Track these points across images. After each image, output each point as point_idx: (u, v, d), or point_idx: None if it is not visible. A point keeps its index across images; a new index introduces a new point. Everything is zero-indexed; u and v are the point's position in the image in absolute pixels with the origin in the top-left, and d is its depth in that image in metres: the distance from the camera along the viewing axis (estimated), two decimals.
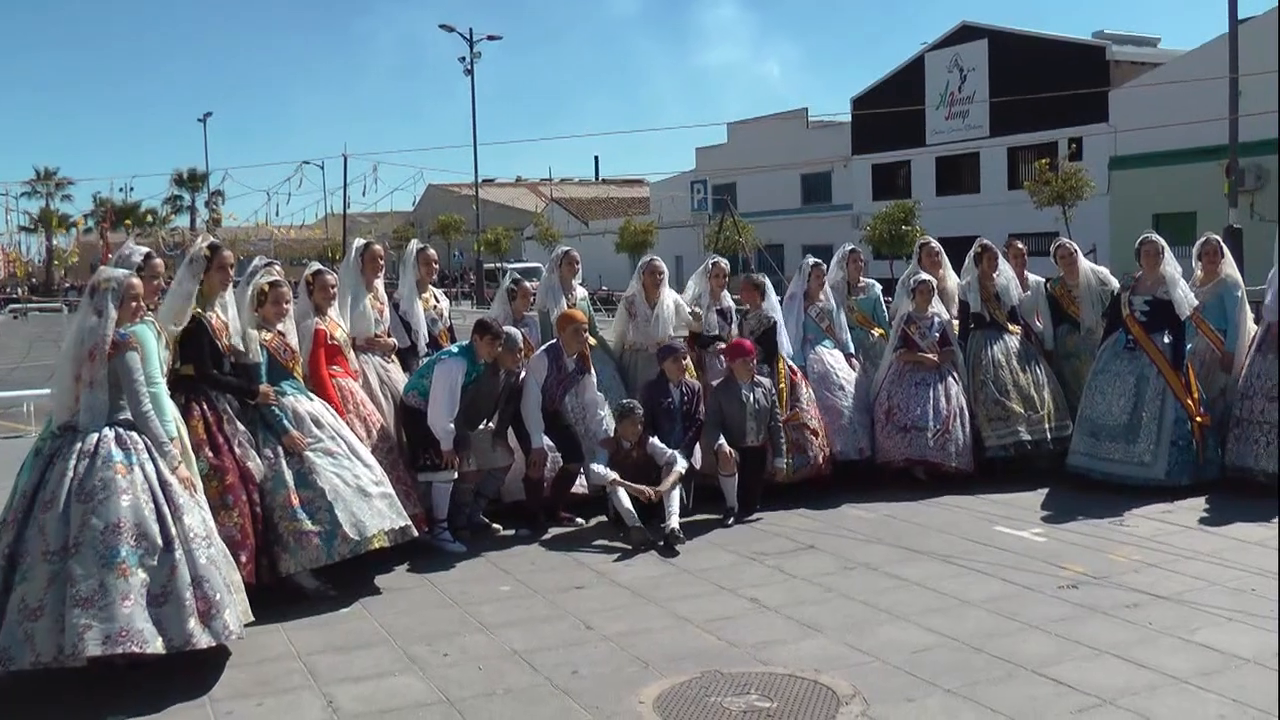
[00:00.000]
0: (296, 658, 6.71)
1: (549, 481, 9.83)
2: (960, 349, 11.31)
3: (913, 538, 9.13)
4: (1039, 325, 11.79)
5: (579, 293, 11.09)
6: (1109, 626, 6.93)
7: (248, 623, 6.63)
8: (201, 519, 6.52)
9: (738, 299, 11.41)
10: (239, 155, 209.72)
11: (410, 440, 9.15)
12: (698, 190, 58.14)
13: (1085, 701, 5.82)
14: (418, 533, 8.29)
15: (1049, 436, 11.05)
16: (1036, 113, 42.93)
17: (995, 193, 47.22)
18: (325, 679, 6.38)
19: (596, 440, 9.76)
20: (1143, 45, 47.29)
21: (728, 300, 11.43)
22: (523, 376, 9.53)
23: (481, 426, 9.35)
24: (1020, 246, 12.26)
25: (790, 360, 10.82)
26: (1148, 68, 42.41)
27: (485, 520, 9.61)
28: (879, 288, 12.36)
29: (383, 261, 9.99)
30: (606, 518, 9.67)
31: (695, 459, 9.86)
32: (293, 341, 8.26)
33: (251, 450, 7.63)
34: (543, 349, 9.76)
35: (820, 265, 11.64)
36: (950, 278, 11.94)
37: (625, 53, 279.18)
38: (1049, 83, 40.72)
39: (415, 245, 10.43)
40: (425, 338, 10.10)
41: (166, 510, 6.28)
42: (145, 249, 7.72)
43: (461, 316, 13.09)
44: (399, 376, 9.61)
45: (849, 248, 12.33)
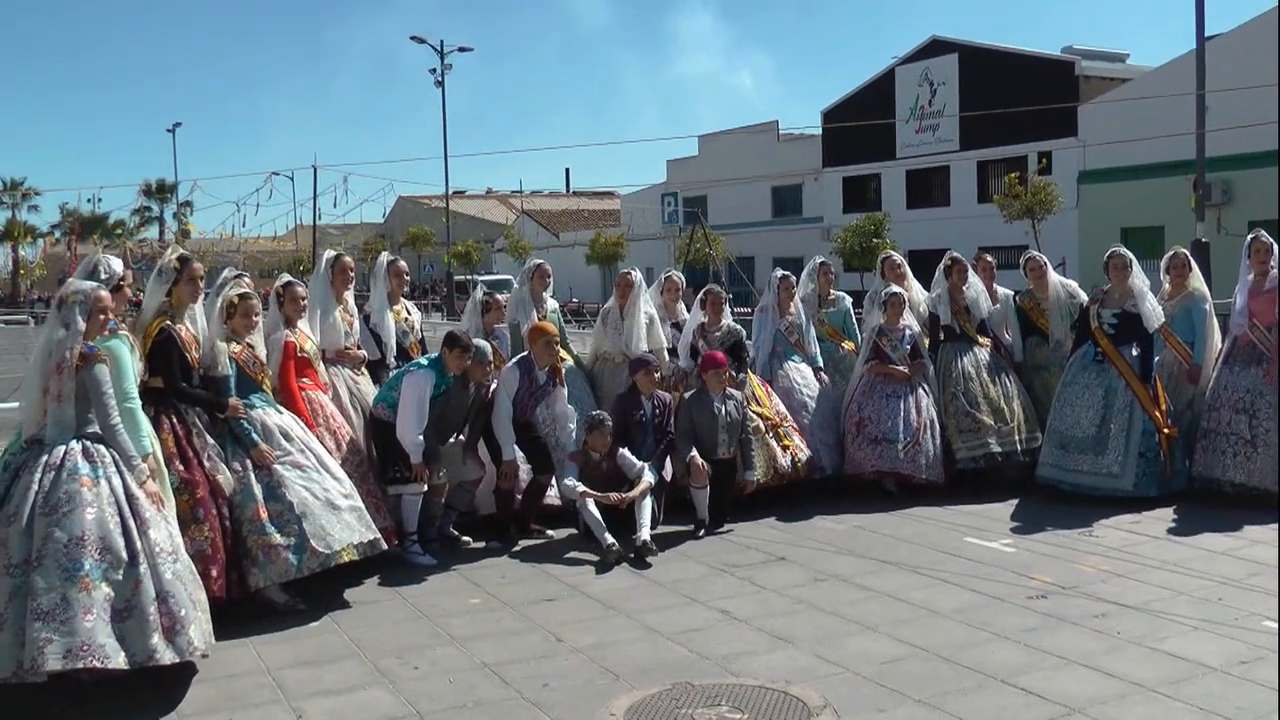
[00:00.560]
0: (266, 672, 6.67)
1: (519, 493, 9.82)
2: (930, 361, 11.35)
3: (883, 549, 9.15)
4: (1008, 338, 11.84)
5: (549, 305, 11.10)
6: (1078, 636, 6.96)
7: (212, 642, 6.56)
8: (168, 534, 6.46)
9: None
10: (208, 166, 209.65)
11: (379, 453, 9.12)
12: (668, 203, 58.31)
13: (1054, 711, 5.85)
14: (387, 546, 8.26)
15: (1019, 448, 11.10)
16: (1006, 127, 43.13)
17: (965, 206, 47.44)
18: (295, 693, 6.34)
19: (568, 453, 9.76)
20: (1111, 61, 47.60)
21: (683, 314, 11.51)
22: (494, 389, 9.51)
23: (452, 440, 9.33)
24: (989, 259, 12.32)
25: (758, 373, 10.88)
26: (1116, 83, 42.72)
27: (455, 533, 9.59)
28: (849, 300, 12.41)
29: (353, 273, 9.97)
30: (577, 530, 9.66)
31: (666, 471, 9.88)
32: (262, 354, 8.22)
33: (221, 463, 7.58)
34: (514, 361, 9.75)
35: (789, 278, 11.67)
36: (914, 290, 11.98)
37: (598, 64, 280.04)
38: (1018, 97, 40.93)
39: (386, 257, 10.41)
40: (394, 350, 10.08)
41: (132, 524, 6.22)
42: (115, 260, 7.68)
43: (432, 329, 13.06)
44: (369, 389, 9.57)
45: (819, 260, 12.37)
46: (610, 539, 9.00)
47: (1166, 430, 10.39)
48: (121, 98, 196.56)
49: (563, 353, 10.20)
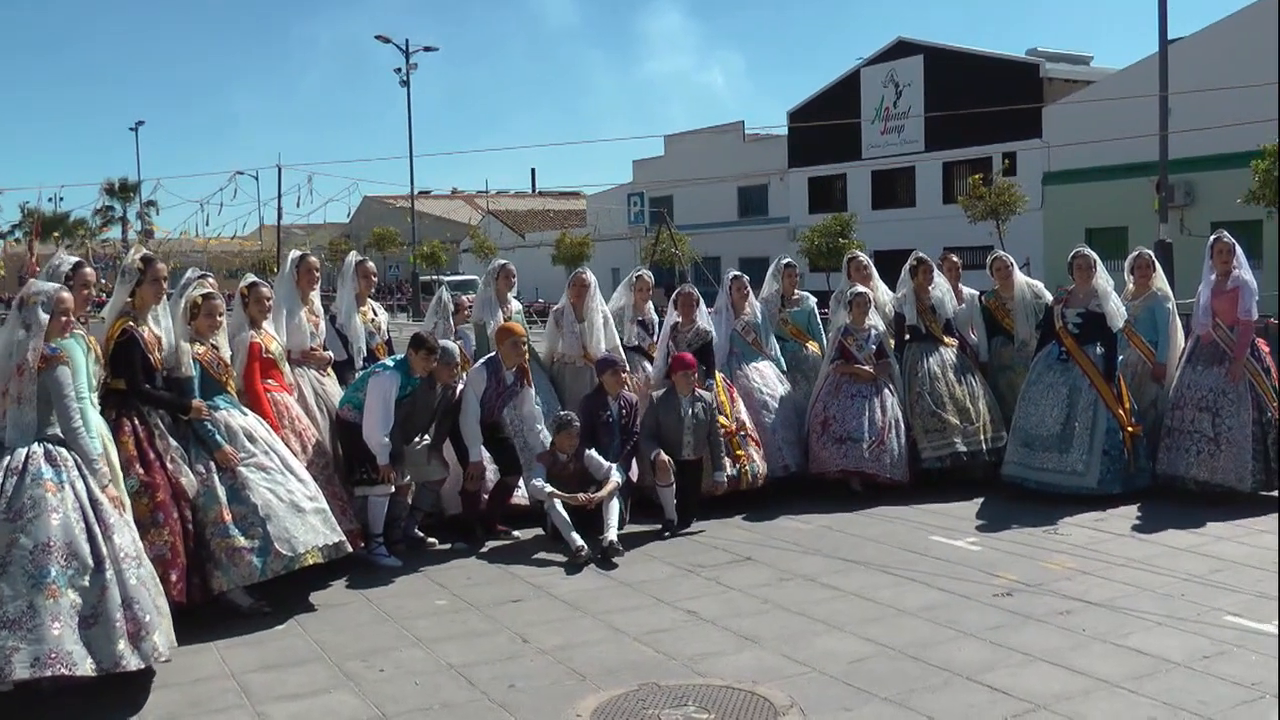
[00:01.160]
0: (230, 677, 6.62)
1: (486, 494, 9.79)
2: (896, 361, 11.38)
3: (849, 548, 9.17)
4: (974, 338, 11.89)
5: (514, 306, 11.08)
6: (1043, 633, 7.00)
7: (174, 646, 6.50)
8: (131, 538, 6.41)
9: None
10: (172, 165, 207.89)
11: (345, 454, 9.08)
12: (634, 203, 58.26)
13: (1020, 707, 5.88)
14: (353, 548, 8.22)
15: (984, 447, 11.15)
16: (971, 128, 43.31)
17: (931, 207, 47.62)
18: (259, 698, 6.30)
19: (535, 454, 9.74)
20: (1075, 63, 47.86)
21: (650, 313, 11.53)
22: (461, 389, 9.49)
23: (417, 440, 9.30)
24: (955, 260, 12.37)
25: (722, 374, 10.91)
26: (1080, 85, 42.94)
27: (421, 534, 9.55)
28: (813, 300, 12.43)
29: (318, 274, 9.93)
30: (544, 531, 9.64)
31: (633, 472, 9.88)
32: (226, 355, 8.17)
33: (184, 466, 7.53)
34: (481, 362, 9.73)
35: (741, 278, 11.70)
36: (880, 290, 12.02)
37: (565, 64, 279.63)
38: (983, 99, 41.10)
39: (354, 258, 10.37)
40: (362, 351, 10.04)
41: (97, 529, 6.17)
42: (75, 258, 7.60)
43: (398, 329, 13.01)
44: (335, 390, 9.53)
45: (784, 260, 12.38)
46: (577, 540, 8.99)
47: (1130, 428, 10.46)
48: (83, 95, 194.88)
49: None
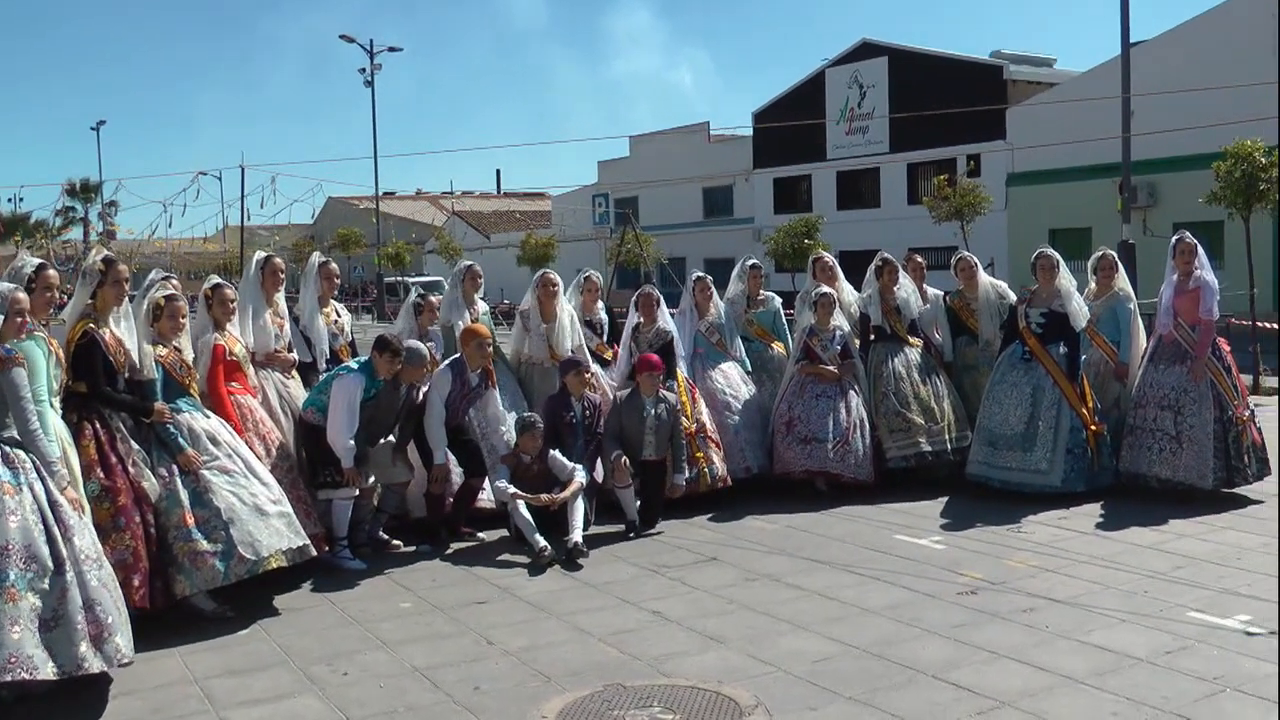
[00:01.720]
0: (193, 682, 6.58)
1: (451, 497, 9.77)
2: (861, 361, 11.41)
3: (814, 548, 9.19)
4: (938, 338, 11.93)
5: (480, 307, 11.06)
6: (1007, 630, 7.03)
7: (133, 651, 6.45)
8: (91, 540, 6.35)
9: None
10: (134, 165, 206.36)
11: (309, 457, 9.03)
12: (599, 203, 58.18)
13: (984, 704, 5.90)
14: (317, 552, 8.19)
15: (949, 447, 11.19)
16: (935, 129, 43.46)
17: (895, 207, 47.74)
18: (222, 703, 6.26)
19: (498, 456, 9.73)
20: (1039, 65, 48.05)
21: (599, 313, 11.56)
22: (425, 391, 9.46)
23: (381, 441, 9.26)
24: (919, 260, 12.40)
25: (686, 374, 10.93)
26: (1044, 87, 43.12)
27: (385, 537, 9.52)
28: (779, 301, 12.44)
29: (283, 275, 9.88)
30: (508, 533, 9.62)
31: (597, 473, 9.87)
32: (189, 357, 8.13)
33: (146, 469, 7.48)
34: (446, 364, 9.70)
35: (704, 279, 11.74)
36: (845, 290, 12.04)
37: (532, 64, 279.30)
38: (948, 100, 41.25)
39: (317, 259, 10.33)
40: (325, 353, 10.00)
41: (57, 531, 6.11)
42: (38, 260, 7.53)
43: (362, 331, 12.97)
44: (299, 393, 9.49)
45: (749, 261, 12.40)
46: (542, 541, 8.98)
47: (1094, 427, 10.53)
48: (43, 93, 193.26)
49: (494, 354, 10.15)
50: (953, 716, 5.78)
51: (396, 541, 9.50)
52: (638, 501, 9.85)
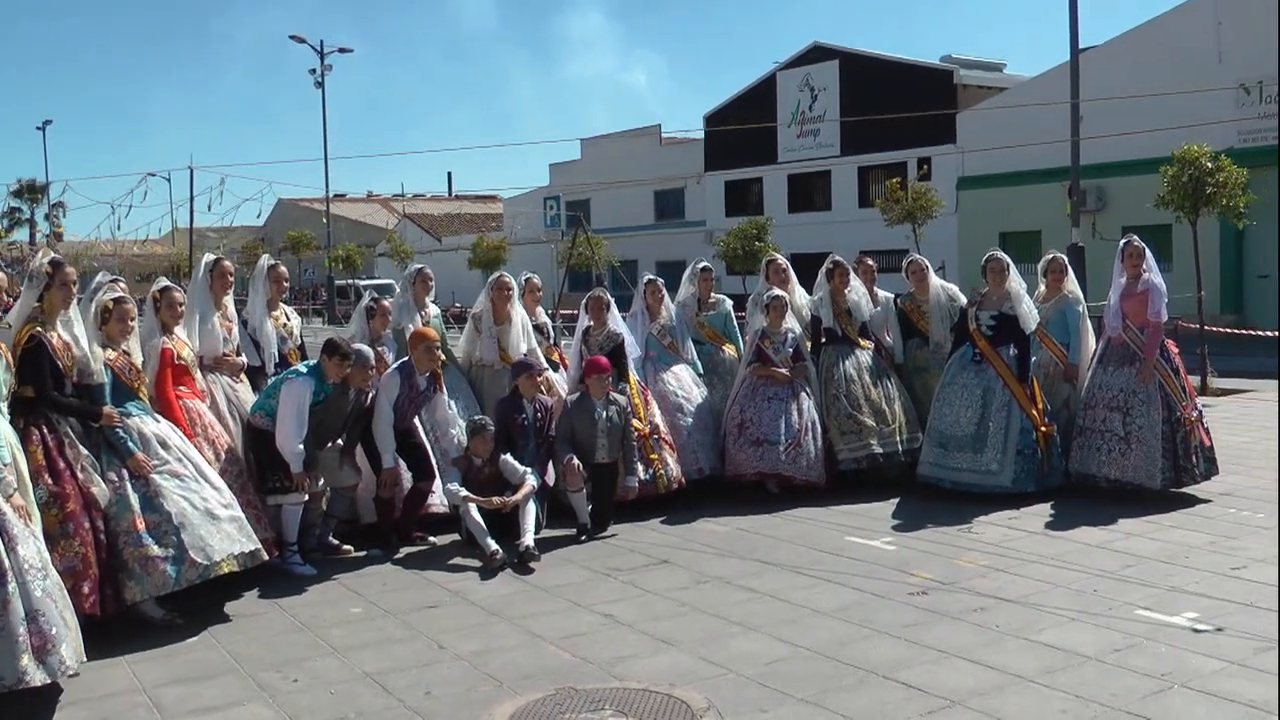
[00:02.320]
0: (141, 691, 6.50)
1: (400, 501, 9.72)
2: (812, 364, 11.44)
3: (766, 550, 9.21)
4: (889, 340, 11.99)
5: (431, 310, 11.02)
6: (957, 630, 7.07)
7: (84, 659, 6.37)
8: (37, 549, 6.26)
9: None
10: (81, 166, 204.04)
11: (258, 462, 8.95)
12: (550, 206, 58.07)
13: (935, 704, 5.92)
14: (268, 556, 8.13)
15: (900, 448, 11.24)
16: (886, 133, 43.58)
17: (847, 210, 47.87)
18: (171, 712, 6.20)
19: (449, 459, 9.69)
20: (989, 70, 48.27)
21: (542, 315, 11.63)
22: (374, 395, 9.40)
23: (329, 445, 9.20)
24: (870, 263, 12.45)
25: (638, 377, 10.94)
26: (993, 92, 43.35)
27: (335, 542, 9.46)
28: (730, 304, 12.46)
29: (232, 278, 9.82)
30: (460, 537, 9.58)
31: (549, 476, 9.85)
32: (138, 360, 8.04)
33: (95, 475, 7.38)
34: (394, 367, 9.65)
35: (655, 281, 11.77)
36: (797, 293, 12.08)
37: (485, 66, 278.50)
38: (898, 104, 41.43)
39: (266, 261, 10.25)
40: (274, 357, 9.92)
41: (0, 541, 6.04)
42: None
43: (313, 334, 12.89)
44: (248, 397, 9.42)
45: (701, 264, 12.41)
46: (493, 545, 8.95)
47: (1044, 428, 10.61)
48: None
49: (444, 357, 10.11)
50: (903, 716, 5.80)
51: (347, 547, 9.45)
52: (589, 505, 9.84)
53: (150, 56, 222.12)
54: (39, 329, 7.36)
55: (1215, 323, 23.62)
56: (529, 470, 9.54)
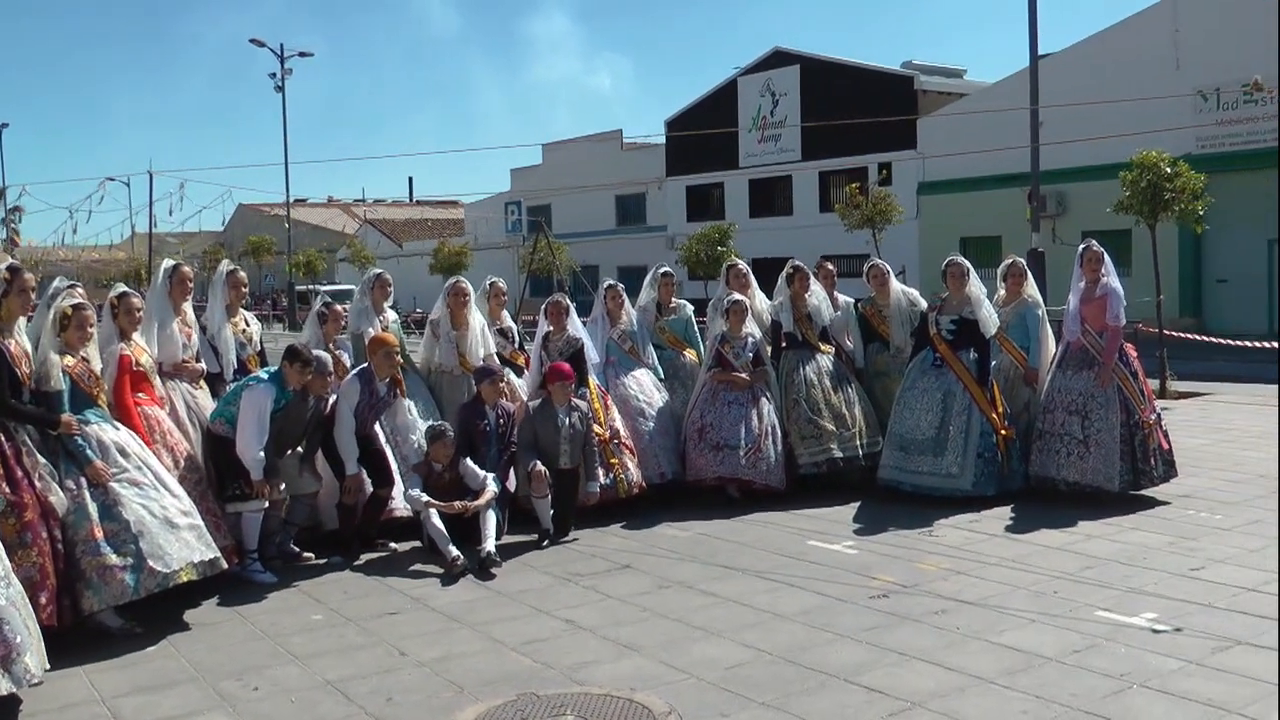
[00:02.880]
0: (100, 702, 6.44)
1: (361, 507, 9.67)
2: (773, 368, 11.46)
3: (727, 555, 9.21)
4: (850, 344, 12.03)
5: (389, 315, 10.99)
6: (918, 633, 7.10)
7: (46, 668, 6.32)
8: None
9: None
10: (39, 170, 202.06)
11: (217, 470, 8.88)
12: (512, 211, 57.98)
13: (896, 706, 5.94)
14: (228, 565, 8.07)
15: (860, 453, 11.27)
16: (847, 138, 43.78)
17: (807, 215, 48.04)
18: None
19: (410, 465, 9.66)
20: (949, 76, 48.53)
21: (507, 320, 11.60)
22: (334, 401, 9.36)
23: (289, 453, 9.15)
24: (830, 268, 12.51)
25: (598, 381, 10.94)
26: (954, 98, 43.61)
27: (296, 549, 9.40)
28: (690, 308, 12.49)
29: (191, 284, 9.75)
30: (421, 543, 9.55)
31: (510, 482, 9.83)
32: (97, 367, 7.95)
33: (53, 483, 7.30)
34: (354, 373, 9.60)
35: (615, 286, 11.78)
36: (757, 298, 12.10)
37: (447, 71, 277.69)
38: (859, 110, 41.63)
39: (225, 267, 10.18)
40: (234, 363, 9.86)
41: None
42: None
43: (273, 340, 12.82)
44: (207, 404, 9.35)
45: (661, 269, 12.44)
46: (454, 551, 8.93)
47: (1004, 431, 10.67)
48: None
49: (404, 362, 10.08)
50: (864, 719, 5.81)
51: (308, 554, 9.40)
52: (552, 510, 9.82)
53: (110, 58, 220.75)
54: None
55: (1174, 326, 23.80)
56: (490, 476, 9.51)
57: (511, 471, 9.89)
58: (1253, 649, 6.63)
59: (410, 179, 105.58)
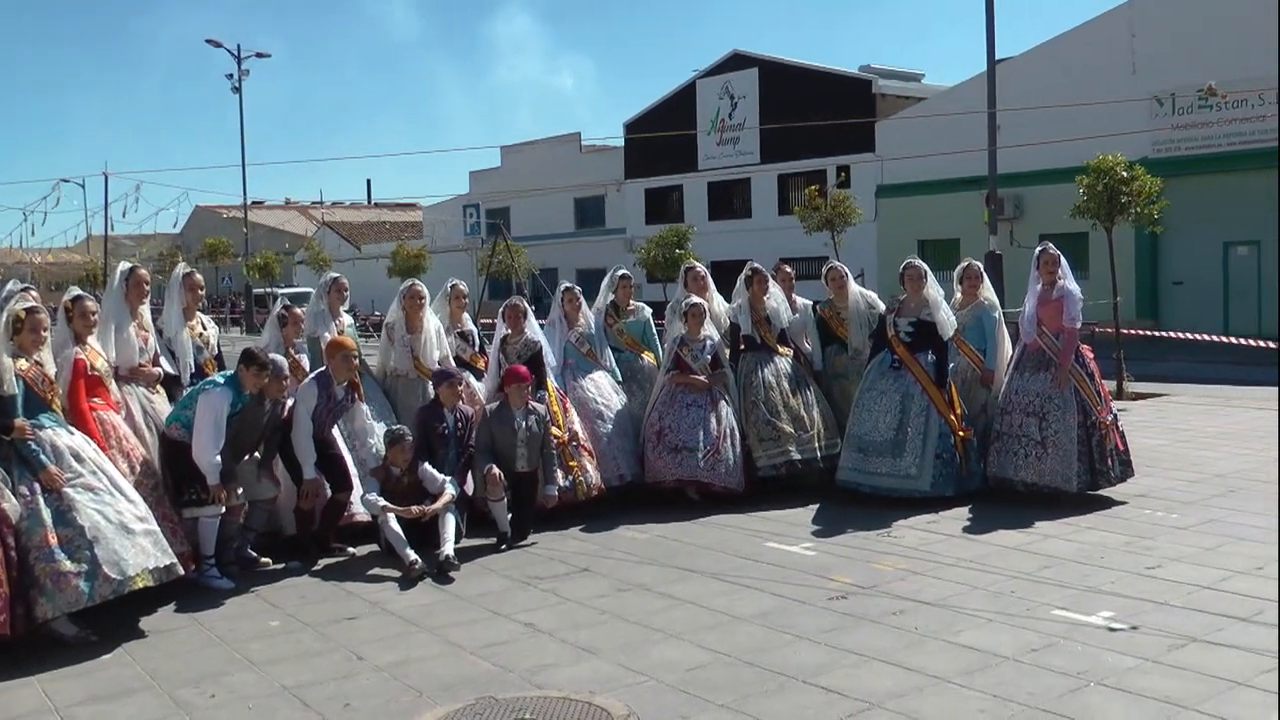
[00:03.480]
0: (54, 711, 6.37)
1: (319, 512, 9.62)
2: (731, 371, 11.47)
3: (686, 557, 9.22)
4: (808, 347, 12.05)
5: (345, 320, 10.94)
6: (876, 633, 7.12)
7: None
8: None
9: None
10: None
11: (174, 474, 8.80)
12: (470, 214, 57.87)
13: (855, 706, 5.96)
14: (184, 571, 8.00)
15: (819, 455, 11.30)
16: (806, 141, 43.92)
17: (766, 218, 48.15)
18: None
19: (367, 469, 9.61)
20: (907, 80, 48.76)
21: (467, 323, 11.56)
22: (291, 405, 9.30)
23: (246, 458, 9.09)
24: (788, 270, 12.53)
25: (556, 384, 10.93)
26: (912, 101, 43.83)
27: (254, 554, 9.34)
28: (649, 311, 12.47)
29: (148, 287, 9.67)
30: (379, 547, 9.51)
31: (468, 485, 9.80)
32: (51, 371, 7.88)
33: (6, 489, 7.23)
34: (312, 377, 9.54)
35: (573, 289, 11.77)
36: (716, 300, 12.11)
37: (407, 73, 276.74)
38: (818, 113, 41.73)
39: (181, 270, 10.12)
40: (191, 367, 9.79)
41: None
42: None
43: (230, 343, 12.74)
44: (164, 408, 9.28)
45: (619, 272, 12.43)
46: (412, 555, 8.89)
47: (962, 433, 10.73)
48: None
49: (360, 366, 10.04)
50: None
51: (265, 559, 9.34)
52: (510, 513, 9.80)
53: (63, 61, 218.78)
54: None
55: (1131, 328, 23.97)
56: (448, 479, 9.48)
57: (470, 475, 9.86)
58: (1208, 646, 6.69)
59: (369, 181, 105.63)
